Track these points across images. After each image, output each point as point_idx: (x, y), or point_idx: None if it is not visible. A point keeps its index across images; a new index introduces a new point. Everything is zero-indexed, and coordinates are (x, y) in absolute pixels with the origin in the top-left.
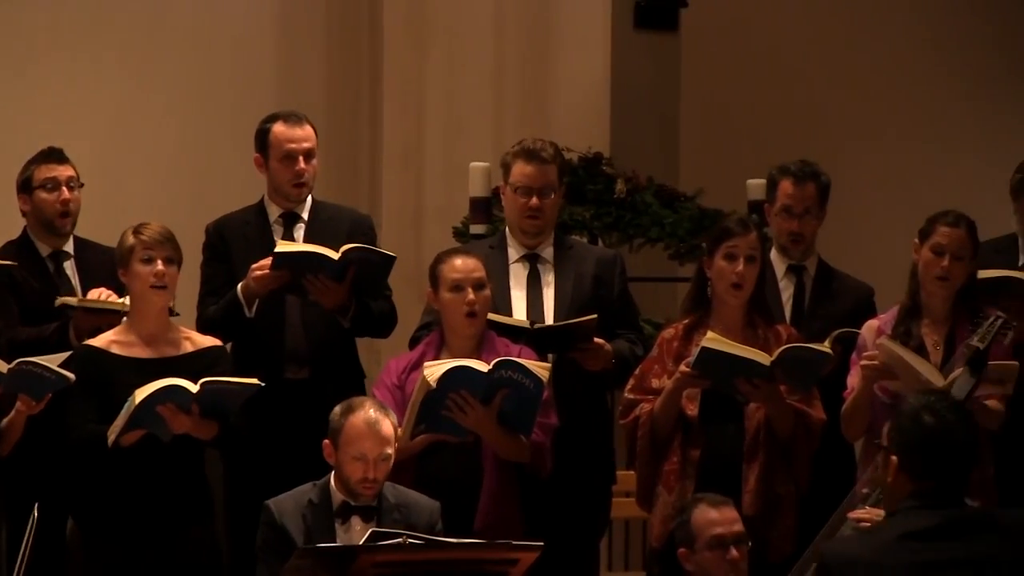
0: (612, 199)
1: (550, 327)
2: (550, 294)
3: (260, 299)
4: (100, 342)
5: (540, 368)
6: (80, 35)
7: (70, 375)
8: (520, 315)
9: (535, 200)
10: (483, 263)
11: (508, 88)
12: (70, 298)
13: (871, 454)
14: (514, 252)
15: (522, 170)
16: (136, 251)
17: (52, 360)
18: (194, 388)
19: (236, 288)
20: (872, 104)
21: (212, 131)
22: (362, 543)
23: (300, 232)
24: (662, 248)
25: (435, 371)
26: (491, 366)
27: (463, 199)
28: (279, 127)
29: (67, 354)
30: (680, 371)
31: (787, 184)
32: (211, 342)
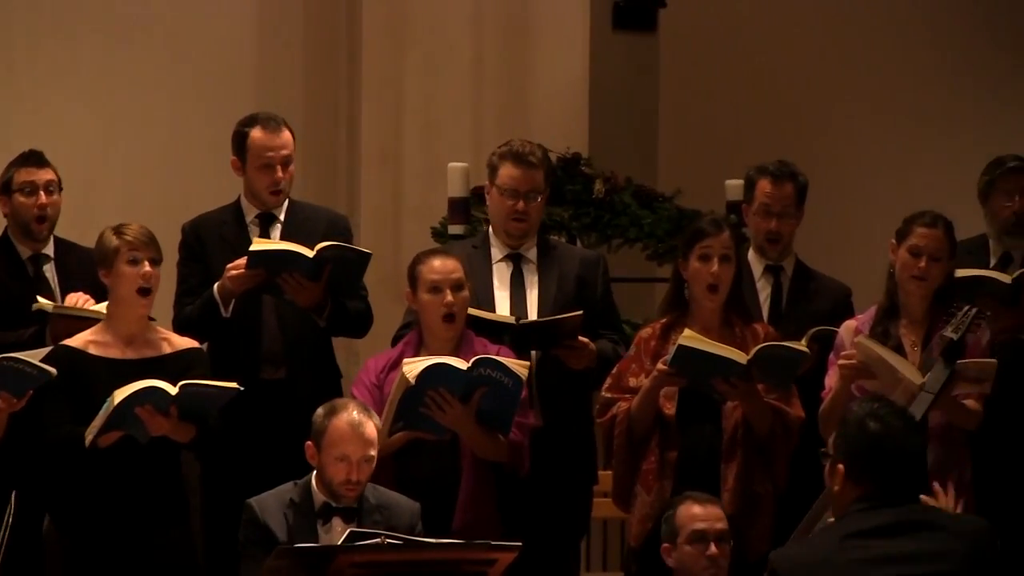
0: (590, 199)
1: (536, 322)
2: (534, 294)
3: (236, 299)
4: (77, 342)
5: (519, 366)
6: (58, 37)
7: (52, 370)
8: (504, 313)
9: (521, 204)
10: (465, 263)
11: (487, 88)
12: (47, 302)
13: None
14: (497, 252)
15: (509, 173)
16: (121, 252)
17: (33, 356)
18: (173, 390)
19: (212, 288)
20: (850, 105)
21: (189, 130)
22: (340, 543)
23: (277, 232)
24: (640, 249)
25: (414, 368)
26: (470, 364)
27: (441, 199)
28: (257, 133)
29: (47, 350)
30: (657, 369)
31: (765, 184)
32: (189, 343)
